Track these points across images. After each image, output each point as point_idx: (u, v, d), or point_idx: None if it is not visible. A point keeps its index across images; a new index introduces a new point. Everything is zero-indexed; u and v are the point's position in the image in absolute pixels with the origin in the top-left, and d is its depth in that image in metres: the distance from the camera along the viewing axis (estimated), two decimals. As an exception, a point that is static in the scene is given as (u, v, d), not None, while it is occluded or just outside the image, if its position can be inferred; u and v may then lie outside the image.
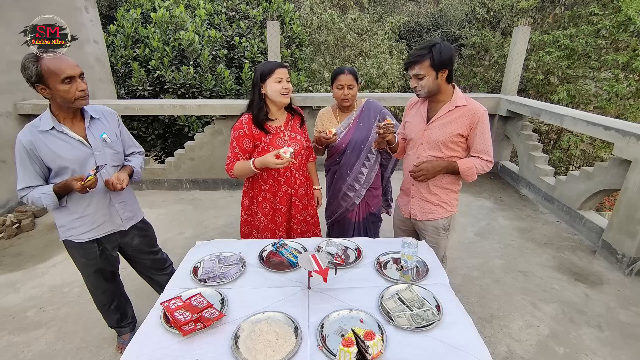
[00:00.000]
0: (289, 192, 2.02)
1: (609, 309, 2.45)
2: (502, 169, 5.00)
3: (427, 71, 1.67)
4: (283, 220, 2.05)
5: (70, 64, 1.48)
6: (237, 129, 1.86)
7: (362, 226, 2.36)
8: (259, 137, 1.87)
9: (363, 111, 2.17)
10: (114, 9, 8.28)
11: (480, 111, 1.72)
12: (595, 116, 3.59)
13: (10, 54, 3.69)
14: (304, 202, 2.13)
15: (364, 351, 1.05)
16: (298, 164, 2.01)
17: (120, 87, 5.76)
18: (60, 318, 2.33)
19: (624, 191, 2.87)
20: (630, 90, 7.21)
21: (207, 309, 1.26)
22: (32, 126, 1.53)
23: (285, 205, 2.03)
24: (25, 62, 1.43)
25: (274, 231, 2.07)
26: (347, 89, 2.04)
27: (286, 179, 1.98)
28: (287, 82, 1.83)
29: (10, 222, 3.39)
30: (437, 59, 1.62)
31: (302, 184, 2.06)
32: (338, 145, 2.16)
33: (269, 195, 1.99)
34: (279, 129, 1.92)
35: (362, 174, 2.20)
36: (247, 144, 1.87)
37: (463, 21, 11.25)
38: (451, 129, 1.75)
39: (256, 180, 1.99)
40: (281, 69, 1.81)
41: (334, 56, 9.67)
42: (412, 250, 1.50)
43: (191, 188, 4.58)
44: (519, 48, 4.60)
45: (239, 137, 1.86)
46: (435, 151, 1.82)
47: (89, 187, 1.47)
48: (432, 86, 1.70)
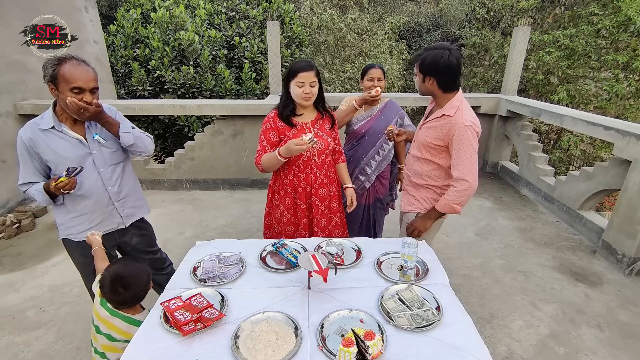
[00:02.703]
0: (309, 190, 2.00)
1: (609, 309, 2.45)
2: (502, 169, 5.01)
3: (417, 72, 1.70)
4: (303, 216, 2.04)
5: (85, 77, 1.48)
6: (264, 123, 1.92)
7: (371, 210, 2.57)
8: (282, 131, 1.89)
9: (386, 107, 2.43)
10: (114, 9, 8.28)
11: (457, 126, 1.61)
12: (595, 116, 3.59)
13: (10, 54, 3.69)
14: (326, 205, 2.06)
15: (364, 351, 1.05)
16: (320, 163, 1.97)
17: (120, 87, 5.76)
18: (60, 318, 2.33)
19: (624, 191, 2.87)
20: (630, 90, 7.21)
21: (207, 309, 1.26)
22: (33, 123, 1.55)
23: (304, 202, 2.01)
24: (47, 62, 1.46)
25: (296, 224, 2.05)
26: (377, 81, 2.31)
27: (305, 176, 1.96)
28: (310, 87, 1.80)
29: (10, 222, 3.39)
30: (421, 64, 1.64)
31: (323, 184, 2.01)
32: (358, 130, 2.41)
33: (289, 190, 1.99)
34: (305, 125, 1.92)
35: (374, 160, 2.43)
36: (274, 137, 1.89)
37: (463, 21, 11.25)
38: (431, 135, 1.74)
39: (279, 175, 2.01)
40: (305, 73, 1.77)
41: (334, 56, 9.67)
42: (412, 250, 1.50)
43: (191, 188, 4.58)
44: (519, 48, 4.60)
45: (266, 130, 1.90)
46: (417, 151, 1.85)
47: (62, 188, 1.45)
48: (420, 87, 1.73)
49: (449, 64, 1.60)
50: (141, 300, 1.42)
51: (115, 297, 1.35)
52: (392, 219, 3.01)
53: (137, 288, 1.37)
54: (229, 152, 4.41)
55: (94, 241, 1.60)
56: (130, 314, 1.40)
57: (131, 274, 1.38)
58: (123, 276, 1.36)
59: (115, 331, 1.39)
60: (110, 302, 1.37)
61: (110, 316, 1.39)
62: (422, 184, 1.88)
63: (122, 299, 1.36)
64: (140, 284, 1.38)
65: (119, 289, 1.34)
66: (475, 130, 1.63)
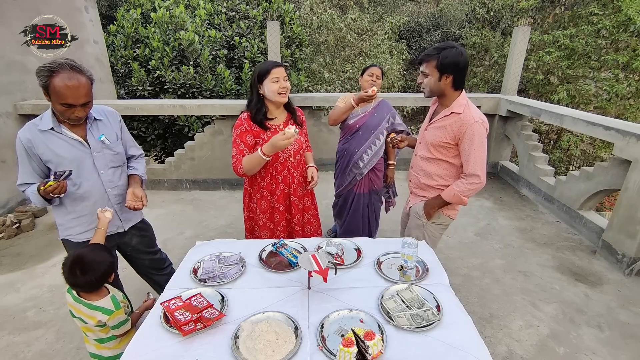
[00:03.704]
0: (287, 191, 2.02)
1: (609, 309, 2.45)
2: (502, 169, 5.01)
3: (431, 71, 1.69)
4: (282, 219, 2.05)
5: (75, 94, 1.43)
6: (237, 126, 1.89)
7: (365, 199, 2.69)
8: (257, 134, 1.89)
9: (379, 105, 2.60)
10: (114, 9, 8.28)
11: (469, 122, 1.66)
12: (595, 116, 3.59)
13: (10, 54, 3.69)
14: (303, 203, 2.13)
15: (364, 351, 1.05)
16: (296, 163, 2.01)
17: (120, 87, 5.76)
18: (60, 318, 2.33)
19: (624, 191, 2.87)
20: (630, 90, 7.21)
21: (207, 309, 1.26)
22: (32, 124, 1.54)
23: (283, 204, 2.03)
24: (40, 72, 1.41)
25: (272, 230, 2.07)
26: (375, 77, 2.52)
27: (283, 177, 1.99)
28: (285, 81, 1.83)
29: (10, 222, 3.39)
30: (442, 62, 1.64)
31: (300, 184, 2.06)
32: (352, 125, 2.57)
33: (266, 193, 2.01)
34: (279, 127, 1.93)
35: (367, 154, 2.55)
36: (250, 140, 1.89)
37: (463, 21, 11.24)
38: (441, 134, 1.76)
39: (255, 178, 2.00)
40: (278, 69, 1.81)
41: (334, 56, 9.66)
42: (412, 250, 1.50)
43: (191, 188, 4.58)
44: (519, 48, 4.60)
45: (242, 133, 1.88)
46: (425, 151, 1.86)
47: (52, 192, 1.44)
48: (434, 87, 1.72)
49: (467, 61, 1.67)
50: (95, 288, 1.43)
51: (71, 278, 1.38)
52: (392, 219, 3.02)
53: (93, 275, 1.38)
54: (229, 152, 4.37)
55: (101, 218, 1.61)
56: (92, 300, 1.42)
57: (93, 260, 1.39)
58: (84, 260, 1.38)
59: (83, 315, 1.43)
60: (66, 281, 1.40)
61: (74, 302, 1.43)
62: (433, 185, 1.89)
63: (76, 282, 1.39)
64: (97, 272, 1.38)
65: (76, 271, 1.36)
66: (484, 127, 1.69)
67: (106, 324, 1.44)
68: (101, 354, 1.54)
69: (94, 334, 1.50)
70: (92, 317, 1.41)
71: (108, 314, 1.42)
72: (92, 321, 1.42)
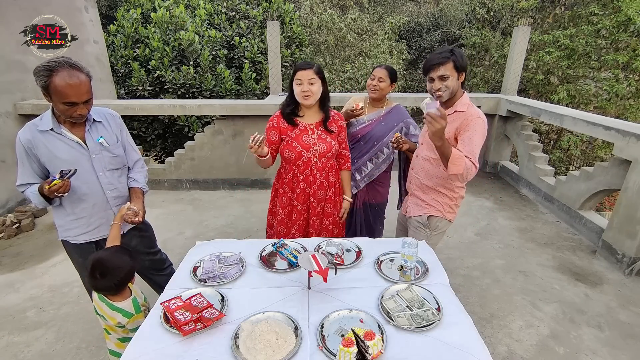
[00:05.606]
0: (307, 191, 2.01)
1: (609, 309, 2.45)
2: (502, 169, 5.01)
3: (451, 72, 1.70)
4: (299, 218, 2.05)
5: (77, 92, 1.43)
6: (269, 121, 1.98)
7: (363, 214, 2.45)
8: (285, 131, 1.93)
9: (390, 113, 2.29)
10: (114, 9, 8.28)
11: (473, 117, 1.69)
12: (595, 116, 3.59)
13: (10, 54, 3.69)
14: (322, 207, 2.06)
15: (364, 351, 1.05)
16: (321, 165, 1.97)
17: (120, 87, 5.76)
18: (60, 318, 2.33)
19: (624, 191, 2.87)
20: (630, 90, 7.21)
21: (207, 309, 1.26)
22: (32, 125, 1.54)
23: (302, 204, 2.03)
24: (38, 72, 1.40)
25: (289, 227, 2.07)
26: (377, 80, 2.20)
27: (305, 177, 1.98)
28: (309, 84, 1.82)
29: (10, 222, 3.39)
30: (459, 61, 1.68)
31: (322, 187, 2.01)
32: (354, 133, 2.30)
33: (287, 189, 2.02)
34: (309, 127, 1.94)
35: (366, 167, 2.32)
36: (274, 136, 1.94)
37: (463, 21, 11.24)
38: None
39: (280, 173, 2.06)
40: (302, 72, 1.82)
41: (334, 56, 9.67)
42: (412, 250, 1.50)
43: (191, 188, 4.58)
44: (519, 48, 4.60)
45: (268, 128, 1.97)
46: (429, 152, 1.85)
47: (56, 191, 1.44)
48: (455, 87, 1.73)
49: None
50: (115, 292, 1.43)
51: (92, 281, 1.38)
52: (391, 219, 3.01)
53: (112, 280, 1.37)
54: (229, 152, 4.41)
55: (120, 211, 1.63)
56: (115, 300, 1.43)
57: (113, 265, 1.39)
58: (104, 264, 1.38)
59: (105, 314, 1.43)
60: (88, 283, 1.40)
61: (98, 300, 1.43)
62: (433, 187, 1.88)
63: (96, 285, 1.39)
64: (116, 277, 1.38)
65: (96, 274, 1.36)
66: (486, 125, 1.73)
67: (125, 327, 1.43)
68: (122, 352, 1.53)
69: (116, 333, 1.49)
70: (113, 318, 1.41)
71: (128, 317, 1.41)
72: (113, 322, 1.42)
